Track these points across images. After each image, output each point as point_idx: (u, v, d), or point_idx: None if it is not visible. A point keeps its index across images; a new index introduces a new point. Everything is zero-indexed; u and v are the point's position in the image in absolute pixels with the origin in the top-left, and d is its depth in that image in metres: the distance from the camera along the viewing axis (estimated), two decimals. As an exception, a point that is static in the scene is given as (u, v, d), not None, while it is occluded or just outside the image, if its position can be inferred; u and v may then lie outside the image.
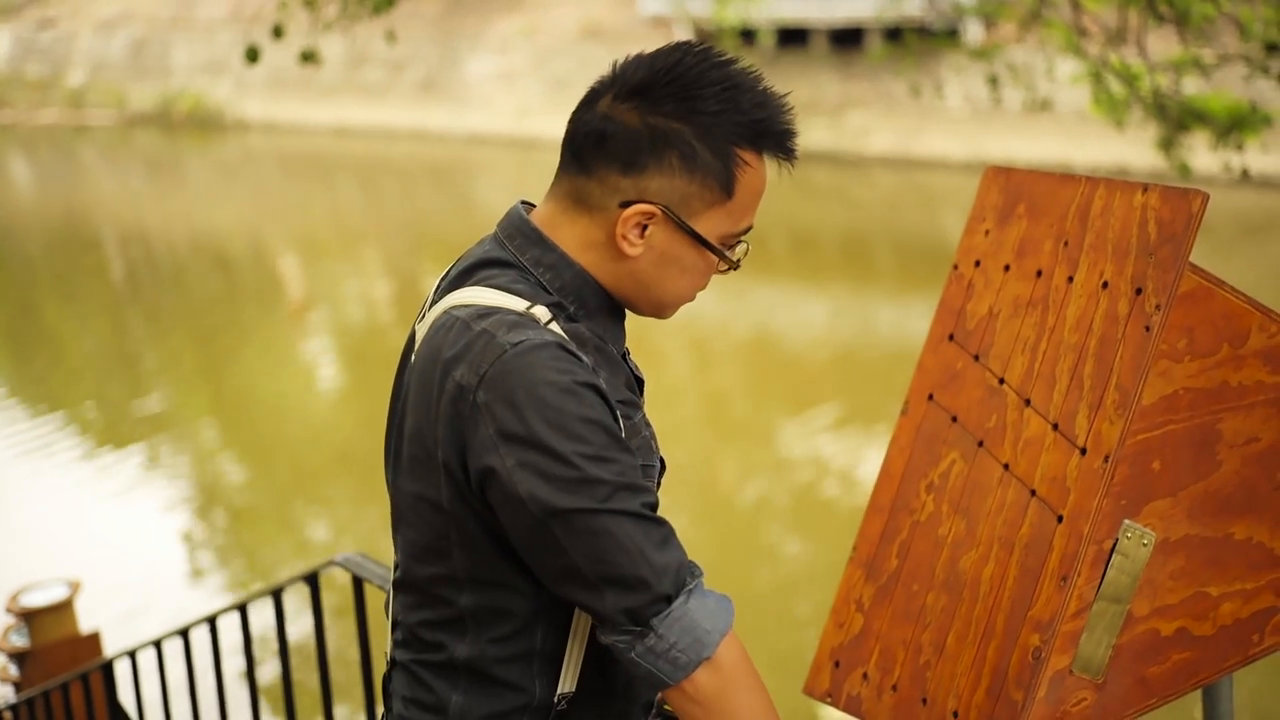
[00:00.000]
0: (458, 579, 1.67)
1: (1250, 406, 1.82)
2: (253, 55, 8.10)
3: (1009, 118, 19.53)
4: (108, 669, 4.76)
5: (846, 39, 23.87)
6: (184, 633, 4.15)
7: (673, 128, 1.63)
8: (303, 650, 6.44)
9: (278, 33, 8.15)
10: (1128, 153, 16.86)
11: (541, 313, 1.63)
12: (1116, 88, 9.25)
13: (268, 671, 6.78)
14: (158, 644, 4.31)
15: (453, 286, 1.72)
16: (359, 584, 3.38)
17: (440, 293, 1.74)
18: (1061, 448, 1.84)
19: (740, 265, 1.73)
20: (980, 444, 2.02)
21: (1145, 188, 1.83)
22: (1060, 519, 1.80)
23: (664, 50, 1.67)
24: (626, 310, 1.76)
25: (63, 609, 5.56)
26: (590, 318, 1.70)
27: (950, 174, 20.10)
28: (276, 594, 3.75)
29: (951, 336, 2.16)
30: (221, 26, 30.39)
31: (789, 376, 12.63)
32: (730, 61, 1.66)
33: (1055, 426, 1.86)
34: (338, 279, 17.59)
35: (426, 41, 27.78)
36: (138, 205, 23.57)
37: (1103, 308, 1.84)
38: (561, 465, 1.55)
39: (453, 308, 1.67)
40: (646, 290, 1.71)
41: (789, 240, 17.56)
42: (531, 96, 25.57)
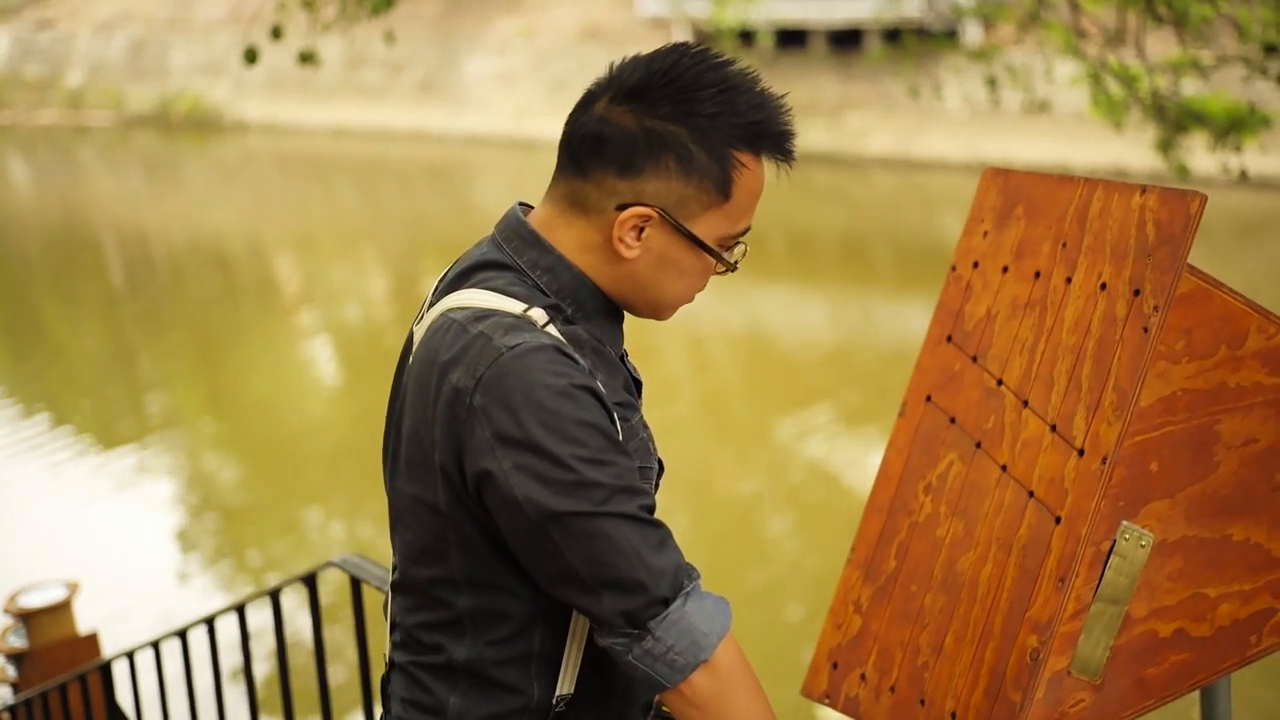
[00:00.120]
0: (455, 581, 1.67)
1: (1248, 408, 1.82)
2: (251, 56, 8.10)
3: (1008, 119, 19.53)
4: (106, 670, 4.76)
5: (845, 40, 23.87)
6: (182, 634, 4.15)
7: (669, 130, 1.63)
8: (301, 651, 6.44)
9: (276, 34, 8.15)
10: (1126, 154, 16.87)
11: (539, 315, 1.63)
12: (1115, 89, 9.26)
13: (265, 672, 6.78)
14: (156, 645, 4.31)
15: (450, 288, 1.71)
16: (357, 585, 3.38)
17: (438, 294, 1.73)
18: (1059, 449, 1.84)
19: (738, 267, 1.73)
20: (978, 445, 2.02)
21: (1143, 189, 1.83)
22: (1058, 520, 1.80)
23: (661, 52, 1.66)
24: (625, 312, 1.76)
25: (61, 610, 5.56)
26: (588, 320, 1.69)
27: (949, 175, 20.11)
28: (275, 595, 3.75)
29: (950, 338, 2.16)
30: (220, 27, 30.38)
31: (787, 377, 12.64)
32: (727, 63, 1.65)
33: (1053, 428, 1.86)
34: (336, 279, 17.59)
35: (425, 42, 27.78)
36: (136, 206, 23.56)
37: (1101, 309, 1.84)
38: (558, 468, 1.55)
39: (450, 310, 1.67)
40: (644, 292, 1.71)
41: (788, 241, 17.56)
42: (530, 97, 25.57)
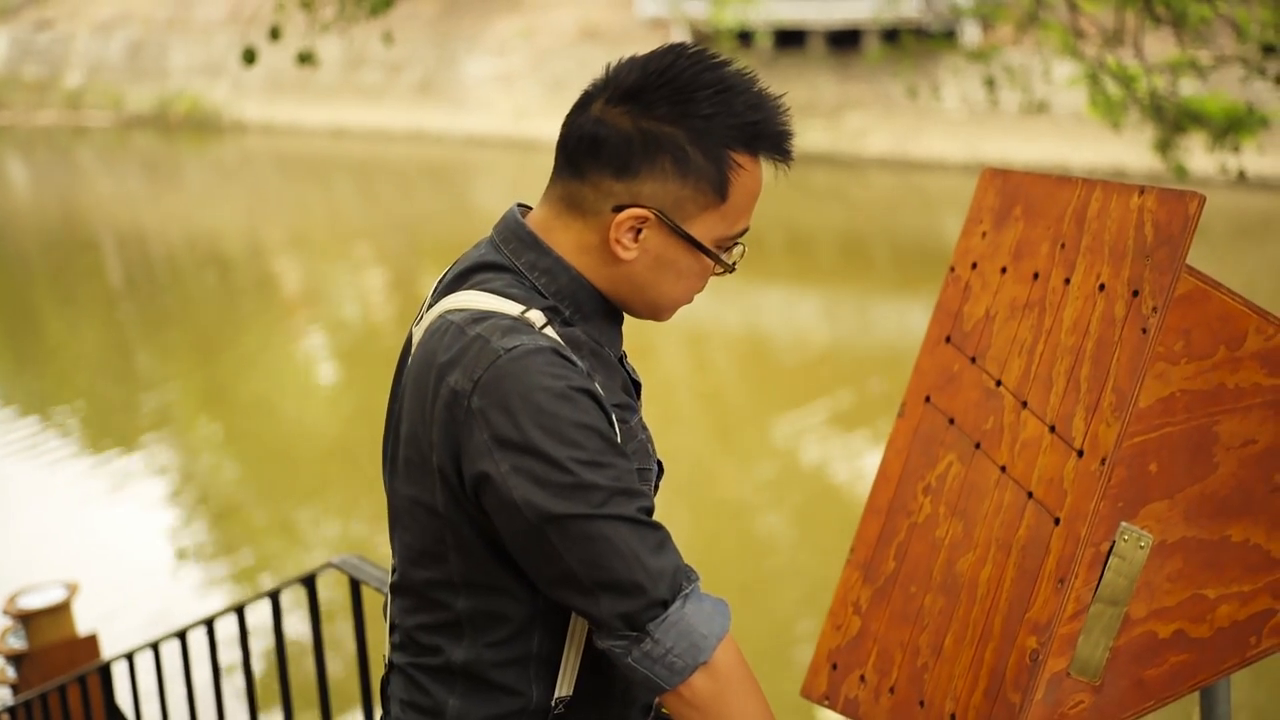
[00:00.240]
0: (454, 583, 1.67)
1: (1247, 409, 1.82)
2: (250, 57, 8.11)
3: (1006, 119, 19.53)
4: (105, 671, 4.76)
5: (844, 40, 23.87)
6: (181, 635, 4.15)
7: (665, 131, 1.62)
8: (300, 652, 6.44)
9: (275, 34, 8.15)
10: (1124, 154, 16.87)
11: (536, 317, 1.62)
12: (1113, 89, 9.27)
13: (264, 673, 6.77)
14: (155, 646, 4.30)
15: (448, 290, 1.71)
16: (356, 586, 3.38)
17: (437, 296, 1.73)
18: (1058, 450, 1.83)
19: (736, 268, 1.72)
20: (977, 446, 2.01)
21: (1142, 190, 1.83)
22: (1057, 521, 1.80)
23: (657, 53, 1.66)
24: (624, 314, 1.76)
25: (60, 611, 5.56)
26: (586, 321, 1.69)
27: (947, 175, 20.11)
28: (274, 596, 3.75)
29: (948, 338, 2.16)
30: (219, 28, 30.36)
31: (786, 378, 12.63)
32: (724, 64, 1.65)
33: (1052, 429, 1.86)
34: (335, 280, 17.58)
35: (424, 43, 27.77)
36: (135, 206, 23.55)
37: (1099, 310, 1.84)
38: (556, 471, 1.55)
39: (447, 312, 1.66)
40: (642, 293, 1.71)
41: (786, 241, 17.55)
42: (529, 98, 25.57)
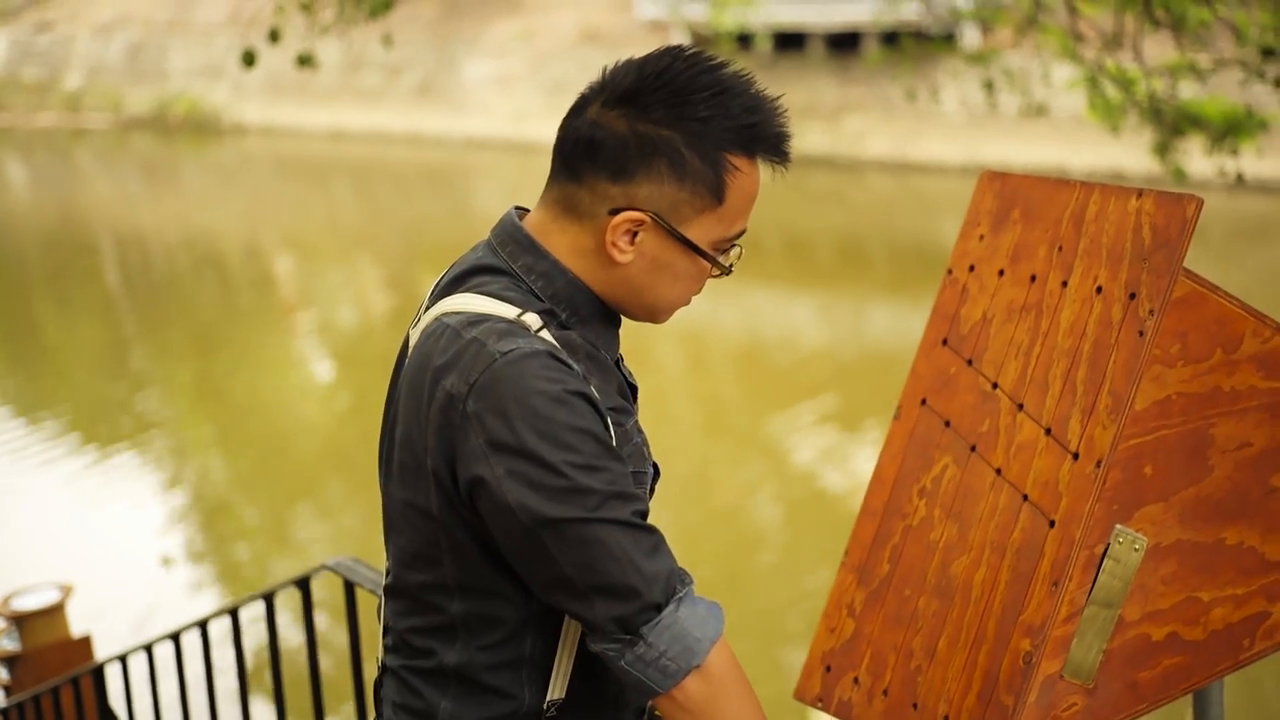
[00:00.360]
0: (448, 586, 1.66)
1: (1243, 412, 1.82)
2: (249, 59, 8.10)
3: (1005, 122, 19.53)
4: (99, 673, 4.75)
5: (843, 43, 23.89)
6: (175, 637, 4.14)
7: (661, 135, 1.62)
8: (294, 654, 6.43)
9: (274, 37, 8.15)
10: (1123, 157, 16.89)
11: (532, 320, 1.62)
12: (1112, 93, 9.27)
13: (259, 675, 6.77)
14: (149, 648, 4.30)
15: (445, 293, 1.71)
16: (350, 588, 3.37)
17: (434, 298, 1.73)
18: (1054, 453, 1.83)
19: (733, 270, 1.72)
20: (973, 449, 2.01)
21: (1140, 193, 1.83)
22: (1052, 524, 1.80)
23: (654, 56, 1.65)
24: (621, 317, 1.75)
25: (54, 612, 5.55)
26: (583, 324, 1.69)
27: (946, 178, 20.12)
28: (268, 598, 3.74)
29: (945, 341, 2.15)
30: (218, 30, 30.37)
31: (783, 380, 12.63)
32: (721, 66, 1.64)
33: (1048, 431, 1.86)
34: (333, 282, 17.59)
35: (423, 45, 27.78)
36: (134, 208, 23.56)
37: (1096, 313, 1.83)
38: (551, 474, 1.55)
39: (443, 315, 1.66)
40: (639, 296, 1.70)
41: (785, 243, 17.56)
42: (529, 100, 25.58)
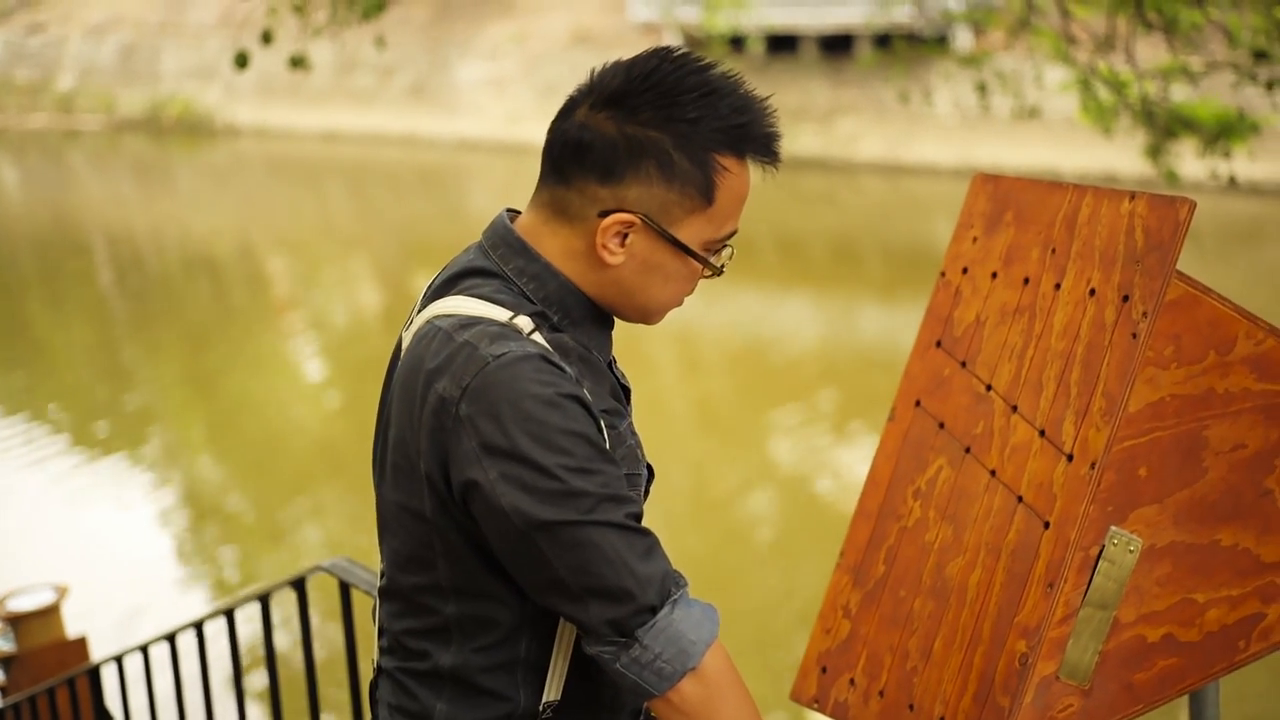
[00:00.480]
0: (442, 588, 1.66)
1: (1237, 413, 1.82)
2: (242, 61, 8.10)
3: (997, 125, 19.55)
4: (94, 674, 4.75)
5: (836, 46, 23.90)
6: (171, 638, 4.14)
7: (649, 136, 1.62)
8: (290, 655, 6.42)
9: (267, 38, 8.15)
10: (1116, 160, 16.91)
11: (524, 323, 1.62)
12: (1105, 95, 9.28)
13: (255, 677, 6.76)
14: (145, 649, 4.29)
15: (437, 295, 1.70)
16: (346, 589, 3.37)
17: (426, 301, 1.73)
18: (1048, 454, 1.84)
19: (724, 271, 1.72)
20: (967, 450, 2.02)
21: (1132, 195, 1.83)
22: (1047, 525, 1.80)
23: (641, 57, 1.65)
24: (614, 318, 1.75)
25: (49, 613, 5.54)
26: (575, 327, 1.68)
27: (939, 181, 20.13)
28: (264, 599, 3.74)
29: (939, 343, 2.16)
30: (211, 32, 30.34)
31: (777, 382, 12.64)
32: (708, 67, 1.64)
33: (1042, 433, 1.86)
34: (327, 283, 17.57)
35: (416, 47, 27.77)
36: (127, 210, 23.53)
37: (1090, 315, 1.84)
38: (544, 478, 1.54)
39: (435, 317, 1.66)
40: (630, 298, 1.70)
41: (778, 246, 17.57)
42: (522, 102, 25.56)
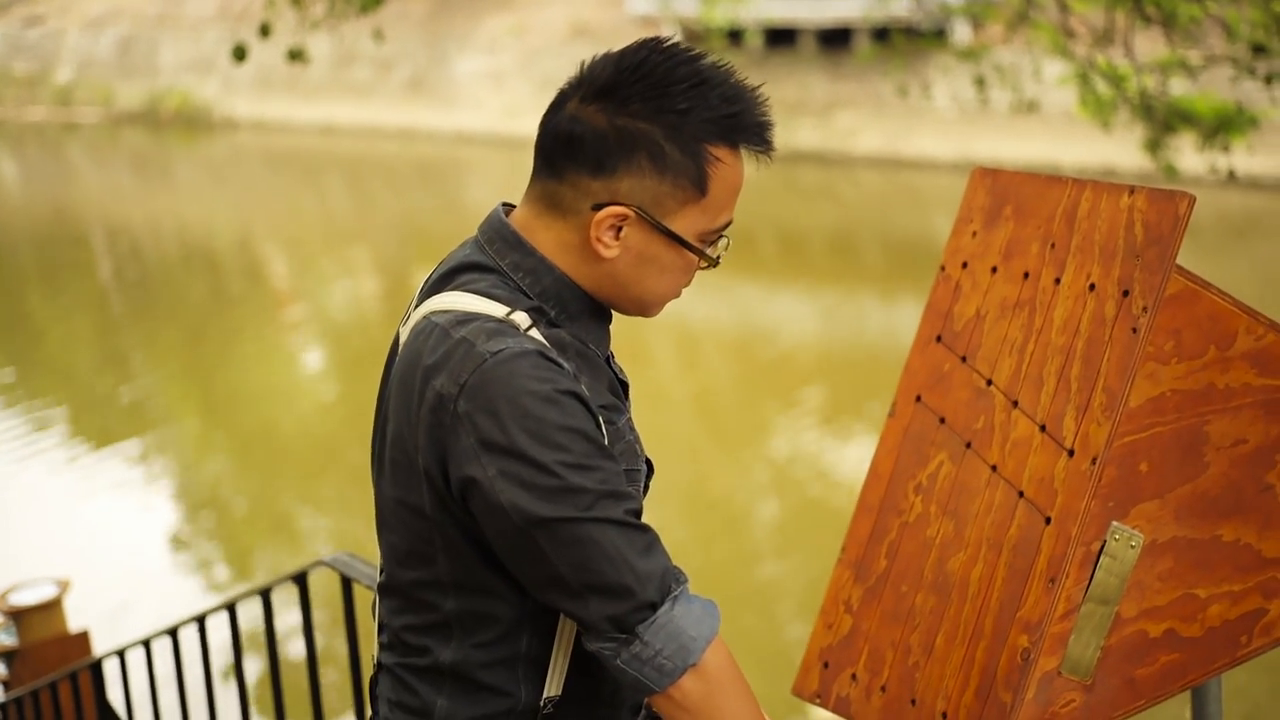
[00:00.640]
0: (442, 584, 1.66)
1: (1237, 409, 1.82)
2: (240, 54, 8.09)
3: (996, 119, 19.54)
4: (96, 668, 4.75)
5: (834, 39, 23.89)
6: (173, 632, 4.14)
7: (640, 128, 1.61)
8: (292, 649, 6.43)
9: (265, 31, 8.14)
10: (1115, 154, 16.90)
11: (521, 319, 1.61)
12: (1103, 89, 9.28)
13: (256, 671, 6.77)
14: (146, 643, 4.30)
15: (434, 290, 1.70)
16: (347, 584, 3.38)
17: (423, 296, 1.72)
18: (1049, 449, 1.84)
19: (720, 261, 1.71)
20: (968, 445, 2.02)
21: (1132, 190, 1.83)
22: (1048, 520, 1.80)
23: (630, 49, 1.64)
24: (612, 312, 1.75)
25: (52, 608, 5.55)
26: (572, 321, 1.68)
27: (938, 174, 20.13)
28: (265, 593, 3.74)
29: (939, 338, 2.16)
30: (209, 25, 30.31)
31: (776, 376, 12.64)
32: (698, 57, 1.63)
33: (1043, 428, 1.86)
34: (325, 276, 17.56)
35: (415, 41, 27.74)
36: (125, 203, 23.51)
37: (1090, 310, 1.84)
38: (543, 474, 1.54)
39: (432, 313, 1.65)
40: (626, 291, 1.70)
41: (776, 240, 17.56)
42: (520, 96, 25.54)
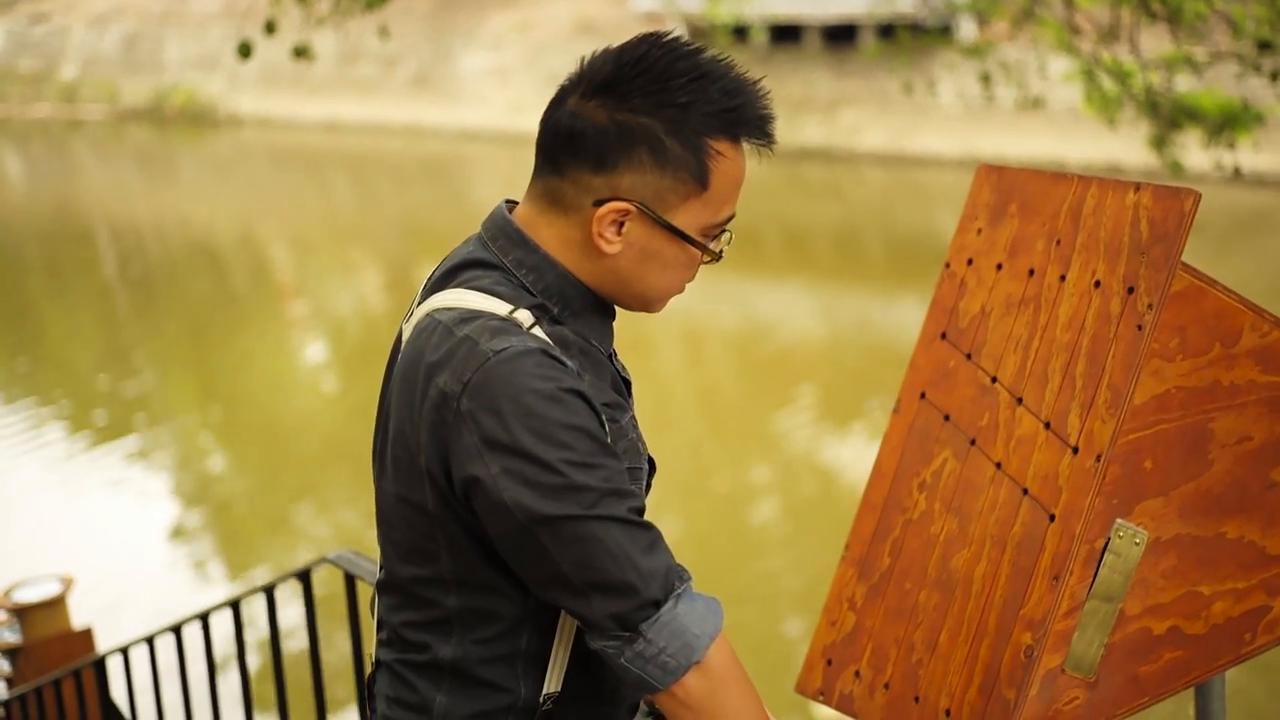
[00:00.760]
0: (444, 581, 1.66)
1: (1242, 406, 1.82)
2: (245, 50, 8.09)
3: (1002, 115, 19.53)
4: (100, 665, 4.76)
5: (840, 36, 23.87)
6: (176, 629, 4.14)
7: (640, 123, 1.61)
8: (295, 646, 6.44)
9: (270, 28, 8.15)
10: (1120, 150, 16.89)
11: (524, 317, 1.61)
12: (1109, 85, 9.27)
13: (259, 667, 6.77)
14: (150, 640, 4.30)
15: (437, 287, 1.70)
16: (351, 581, 3.38)
17: (425, 293, 1.72)
18: (1054, 447, 1.84)
19: (723, 256, 1.71)
20: (972, 442, 2.02)
21: (1137, 187, 1.83)
22: (1052, 518, 1.80)
23: (630, 44, 1.64)
24: (616, 308, 1.74)
25: (55, 605, 5.56)
26: (575, 318, 1.68)
27: (943, 171, 20.11)
28: (269, 591, 3.74)
29: (944, 335, 2.16)
30: (214, 22, 30.33)
31: (779, 373, 12.64)
32: (698, 51, 1.63)
33: (1047, 425, 1.86)
34: (330, 273, 17.57)
35: (420, 37, 27.75)
36: (130, 200, 23.53)
37: (1095, 307, 1.84)
38: (546, 473, 1.54)
39: (435, 310, 1.65)
40: (629, 286, 1.69)
41: (781, 237, 17.56)
42: (525, 92, 25.54)
